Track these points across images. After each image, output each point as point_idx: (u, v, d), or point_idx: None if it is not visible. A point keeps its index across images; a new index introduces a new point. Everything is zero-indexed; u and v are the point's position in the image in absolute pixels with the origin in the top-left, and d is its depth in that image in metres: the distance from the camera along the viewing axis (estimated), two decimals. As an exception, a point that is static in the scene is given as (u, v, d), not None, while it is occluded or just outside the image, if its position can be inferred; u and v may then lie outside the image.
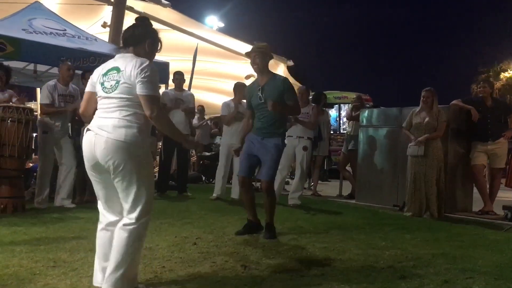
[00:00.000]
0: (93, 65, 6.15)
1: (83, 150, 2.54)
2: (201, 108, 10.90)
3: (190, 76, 9.88)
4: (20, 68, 7.91)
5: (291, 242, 4.02)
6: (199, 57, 10.53)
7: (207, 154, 10.26)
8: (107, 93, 2.51)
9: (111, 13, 8.80)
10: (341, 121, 16.76)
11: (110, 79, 2.51)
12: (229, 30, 20.66)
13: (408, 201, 5.90)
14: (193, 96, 7.46)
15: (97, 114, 2.56)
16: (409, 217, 5.75)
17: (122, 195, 2.47)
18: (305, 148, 6.50)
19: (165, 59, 8.81)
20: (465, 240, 4.36)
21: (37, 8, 7.77)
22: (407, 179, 5.97)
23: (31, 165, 7.04)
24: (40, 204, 5.50)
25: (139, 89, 2.44)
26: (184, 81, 7.62)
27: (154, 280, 2.81)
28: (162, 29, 10.30)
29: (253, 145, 4.35)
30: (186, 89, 8.33)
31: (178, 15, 10.50)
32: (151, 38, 2.67)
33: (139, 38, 2.62)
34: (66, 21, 7.95)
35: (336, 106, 17.11)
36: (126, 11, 8.79)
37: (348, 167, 8.33)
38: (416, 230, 4.74)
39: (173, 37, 10.82)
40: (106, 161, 2.42)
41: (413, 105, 6.34)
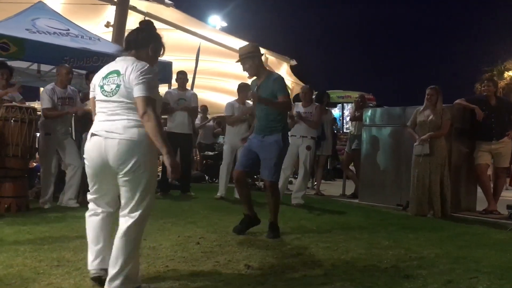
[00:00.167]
0: (96, 65, 6.16)
1: (87, 155, 2.53)
2: (204, 108, 10.91)
3: (192, 75, 9.88)
4: (24, 68, 7.94)
5: (294, 241, 4.02)
6: (202, 57, 10.54)
7: (210, 153, 10.28)
8: (106, 96, 2.50)
9: (114, 13, 8.82)
10: (344, 121, 16.75)
11: (110, 82, 2.50)
12: (232, 29, 20.68)
13: (412, 200, 5.89)
14: (196, 96, 7.45)
15: (97, 118, 2.55)
16: (412, 216, 5.74)
17: (129, 193, 2.46)
18: (308, 148, 6.49)
19: (168, 59, 8.81)
20: (469, 239, 4.35)
21: (40, 8, 7.79)
22: (411, 179, 5.96)
23: (34, 164, 7.06)
24: (44, 204, 5.50)
25: (135, 91, 2.43)
26: (187, 80, 7.62)
27: (157, 279, 2.82)
28: (165, 29, 10.32)
29: (253, 143, 4.35)
30: (189, 88, 8.32)
31: (181, 14, 10.51)
32: (155, 42, 2.66)
33: (142, 42, 2.62)
34: (70, 21, 7.97)
35: (339, 106, 17.11)
36: (130, 10, 8.82)
37: (351, 167, 8.33)
38: (419, 230, 4.73)
39: (176, 36, 10.83)
40: (119, 163, 2.42)
41: (417, 104, 6.32)
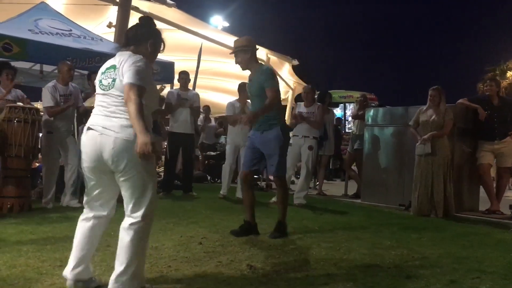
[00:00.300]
0: (99, 65, 6.11)
1: (83, 149, 2.52)
2: (206, 108, 10.92)
3: (194, 75, 9.88)
4: (27, 68, 7.95)
5: (296, 241, 4.01)
6: (204, 57, 10.54)
7: (212, 153, 10.28)
8: (104, 90, 2.51)
9: (116, 13, 8.83)
10: (346, 121, 16.76)
11: (107, 77, 2.51)
12: (234, 29, 20.70)
13: (414, 200, 5.88)
14: (198, 96, 7.45)
15: (95, 111, 2.54)
16: (415, 216, 5.73)
17: (127, 193, 2.45)
18: (310, 148, 6.49)
19: (170, 59, 8.82)
20: (471, 239, 4.34)
21: (43, 8, 7.80)
22: (413, 178, 5.95)
23: (37, 165, 7.08)
24: (47, 204, 5.51)
25: (124, 80, 2.40)
26: (189, 80, 7.63)
27: (160, 279, 2.82)
28: (167, 29, 10.33)
29: (254, 140, 4.30)
30: (191, 88, 8.33)
31: (183, 15, 10.51)
32: (154, 38, 2.64)
33: (141, 37, 2.61)
34: (72, 21, 7.98)
35: (341, 105, 17.12)
36: (132, 11, 8.81)
37: (353, 166, 8.33)
38: (422, 230, 4.73)
39: (178, 36, 10.84)
40: (114, 161, 2.40)
41: (419, 104, 6.32)
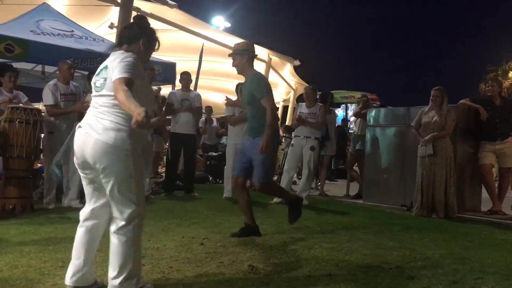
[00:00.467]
0: (100, 66, 6.18)
1: (74, 146, 2.52)
2: (209, 109, 10.92)
3: (196, 76, 9.89)
4: (28, 69, 7.97)
5: (298, 242, 4.01)
6: (206, 58, 10.55)
7: (214, 154, 10.28)
8: (97, 91, 2.50)
9: (118, 14, 8.85)
10: (348, 121, 16.75)
11: (100, 77, 2.50)
12: (235, 30, 20.73)
13: (416, 201, 5.87)
14: (200, 96, 7.45)
15: (89, 111, 2.54)
16: (417, 217, 5.73)
17: (110, 196, 2.43)
18: (312, 148, 6.48)
19: (171, 60, 8.83)
20: (473, 240, 4.33)
21: (44, 9, 7.83)
22: (415, 179, 5.94)
23: (39, 165, 7.08)
24: (48, 204, 5.52)
25: (113, 77, 2.36)
26: (191, 81, 7.63)
27: (161, 280, 2.82)
28: (168, 30, 10.35)
29: (245, 145, 4.32)
30: (193, 89, 8.33)
31: (184, 15, 10.53)
32: (146, 36, 2.61)
33: (133, 36, 2.58)
34: (74, 22, 8.01)
35: (343, 106, 17.11)
36: (133, 12, 8.83)
37: (355, 167, 8.32)
38: (424, 230, 4.72)
39: (179, 37, 10.85)
40: (94, 162, 2.41)
41: (421, 104, 6.31)
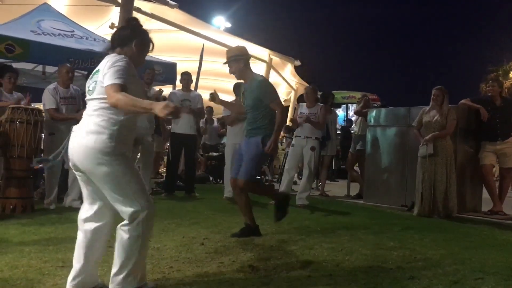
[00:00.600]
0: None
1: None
2: (210, 109, 10.92)
3: (196, 76, 9.89)
4: (29, 69, 7.98)
5: (298, 242, 4.01)
6: (206, 58, 10.56)
7: (214, 154, 10.28)
8: (89, 95, 2.49)
9: (119, 14, 8.86)
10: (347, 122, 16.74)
11: (92, 81, 2.50)
12: (236, 30, 20.74)
13: (417, 201, 5.87)
14: (200, 97, 7.43)
15: (83, 114, 2.55)
16: (417, 217, 5.72)
17: (107, 197, 2.44)
18: (312, 149, 6.48)
19: (172, 60, 8.83)
20: (474, 240, 4.33)
21: (45, 9, 7.84)
22: (416, 179, 5.94)
23: (40, 165, 7.08)
24: (49, 205, 5.52)
25: (104, 82, 2.37)
26: (191, 81, 7.62)
27: (162, 280, 2.82)
28: (169, 30, 10.36)
29: (242, 146, 4.36)
30: (193, 89, 8.33)
31: (185, 15, 10.54)
32: (138, 38, 2.59)
33: (125, 39, 2.57)
34: (74, 22, 8.02)
35: (344, 106, 17.09)
36: (134, 12, 8.84)
37: (355, 167, 8.32)
38: (424, 231, 4.72)
39: (180, 37, 10.86)
40: (80, 165, 2.43)
41: (422, 104, 6.31)
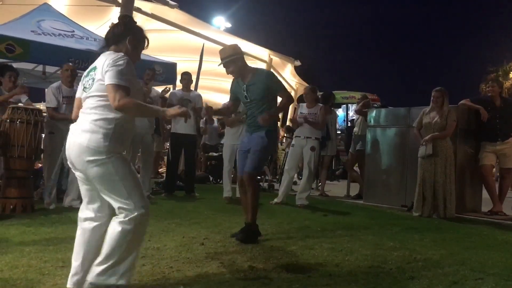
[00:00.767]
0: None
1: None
2: (210, 109, 10.89)
3: (196, 76, 9.89)
4: (29, 69, 7.98)
5: (298, 242, 4.01)
6: (206, 58, 10.55)
7: (214, 154, 10.29)
8: (86, 92, 2.48)
9: (119, 14, 8.85)
10: (348, 122, 16.73)
11: (89, 78, 2.49)
12: (236, 30, 20.74)
13: (417, 201, 5.87)
14: (200, 97, 7.44)
15: (80, 112, 2.54)
16: (417, 217, 5.72)
17: (102, 195, 2.45)
18: (312, 149, 6.48)
19: (172, 60, 8.83)
20: (474, 240, 4.33)
21: (45, 9, 7.84)
22: (416, 179, 5.94)
23: (40, 165, 7.08)
24: (49, 205, 5.51)
25: (105, 80, 2.37)
26: (191, 81, 7.62)
27: (161, 280, 2.82)
28: (169, 30, 10.36)
29: (245, 142, 4.36)
30: (193, 89, 8.33)
31: (185, 15, 10.53)
32: (132, 35, 2.57)
33: (119, 36, 2.55)
34: (75, 22, 8.02)
35: (344, 106, 17.09)
36: (134, 12, 8.84)
37: (355, 167, 8.33)
38: (424, 231, 4.72)
39: (180, 37, 10.85)
40: (76, 164, 2.44)
41: (422, 104, 6.31)
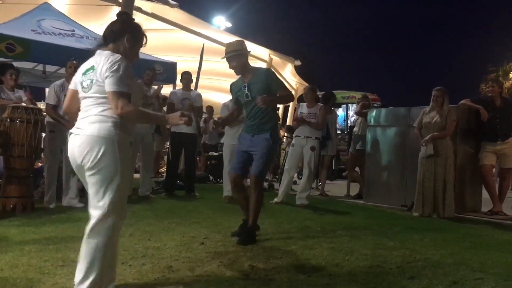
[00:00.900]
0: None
1: (68, 154, 2.50)
2: (210, 108, 10.93)
3: (196, 76, 9.89)
4: (29, 68, 7.99)
5: (298, 242, 4.01)
6: (206, 57, 10.56)
7: (214, 154, 10.29)
8: (85, 92, 2.48)
9: (119, 13, 8.85)
10: (348, 121, 16.72)
11: (87, 78, 2.48)
12: (236, 30, 20.74)
13: (417, 201, 5.87)
14: (200, 96, 7.44)
15: (78, 115, 2.52)
16: (417, 217, 5.72)
17: (91, 189, 2.39)
18: (312, 148, 6.48)
19: (172, 59, 8.83)
20: (474, 240, 4.33)
21: (46, 9, 7.84)
22: (416, 179, 5.93)
23: (40, 165, 7.08)
24: (49, 204, 5.52)
25: (106, 85, 2.37)
26: (192, 81, 7.62)
27: (161, 279, 2.82)
28: (169, 29, 10.36)
29: (244, 143, 4.30)
30: (193, 89, 8.33)
31: (185, 15, 10.54)
32: (130, 32, 2.57)
33: (117, 34, 2.55)
34: (75, 21, 8.02)
35: (344, 106, 17.08)
36: (134, 11, 8.84)
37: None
38: (424, 231, 4.72)
39: (180, 37, 10.86)
40: (81, 159, 2.38)
41: (422, 104, 6.31)
